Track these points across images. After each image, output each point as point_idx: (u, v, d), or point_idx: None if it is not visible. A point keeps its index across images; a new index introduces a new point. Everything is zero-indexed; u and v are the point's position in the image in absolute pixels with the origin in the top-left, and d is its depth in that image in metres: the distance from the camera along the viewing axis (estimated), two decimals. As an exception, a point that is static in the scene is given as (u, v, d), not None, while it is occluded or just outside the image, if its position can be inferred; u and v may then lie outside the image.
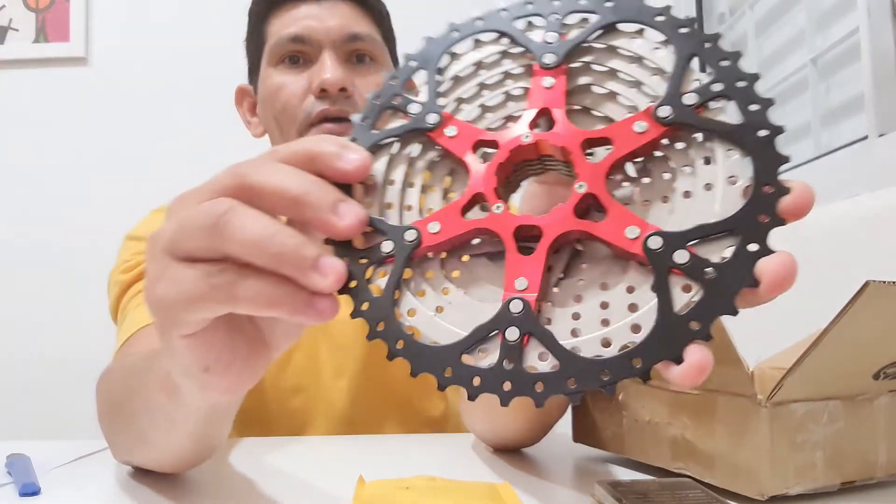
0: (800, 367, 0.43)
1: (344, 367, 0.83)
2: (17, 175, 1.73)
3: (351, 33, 0.78)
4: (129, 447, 0.53)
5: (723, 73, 0.29)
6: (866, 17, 0.87)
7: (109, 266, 0.89)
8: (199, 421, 0.42)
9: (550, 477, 0.58)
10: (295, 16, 0.79)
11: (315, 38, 0.77)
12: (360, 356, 0.84)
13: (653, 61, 0.31)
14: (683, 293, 0.27)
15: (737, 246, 0.27)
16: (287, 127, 0.78)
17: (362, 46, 0.79)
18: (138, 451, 0.52)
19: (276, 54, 0.79)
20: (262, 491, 0.53)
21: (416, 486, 0.47)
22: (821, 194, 1.06)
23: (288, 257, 0.28)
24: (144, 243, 0.74)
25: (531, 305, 0.28)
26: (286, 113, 0.78)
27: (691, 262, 0.27)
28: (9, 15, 1.73)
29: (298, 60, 0.78)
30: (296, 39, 0.77)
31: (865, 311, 0.40)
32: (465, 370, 0.28)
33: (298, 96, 0.77)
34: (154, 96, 1.72)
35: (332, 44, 0.78)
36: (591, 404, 0.60)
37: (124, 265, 0.77)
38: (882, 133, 0.85)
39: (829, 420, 0.46)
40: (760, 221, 0.27)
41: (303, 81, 0.77)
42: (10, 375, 1.66)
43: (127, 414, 0.49)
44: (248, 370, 0.34)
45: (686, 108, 0.29)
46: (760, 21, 1.29)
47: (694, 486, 0.45)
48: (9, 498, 0.50)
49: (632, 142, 0.29)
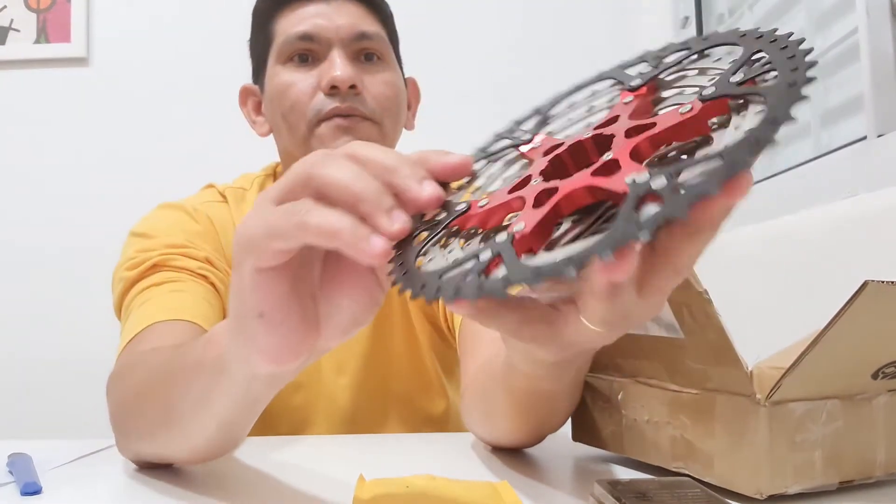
0: (799, 366, 0.43)
1: (345, 365, 0.83)
2: (18, 175, 1.73)
3: (360, 31, 0.79)
4: (149, 432, 0.53)
5: (772, 51, 0.29)
6: (865, 17, 0.87)
7: (110, 266, 0.89)
8: (234, 401, 0.43)
9: (550, 476, 0.58)
10: (303, 14, 0.79)
11: (324, 37, 0.78)
12: (361, 353, 0.84)
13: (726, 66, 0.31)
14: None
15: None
16: (296, 124, 0.78)
17: (370, 45, 0.80)
18: (160, 437, 0.51)
19: (284, 52, 0.79)
20: (263, 490, 0.53)
21: (415, 485, 0.48)
22: (820, 194, 1.06)
23: (369, 198, 0.32)
24: (148, 240, 0.78)
25: (514, 237, 0.29)
26: (296, 110, 0.78)
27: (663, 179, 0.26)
28: (10, 15, 1.74)
29: (307, 58, 0.79)
30: (305, 37, 0.78)
31: (864, 311, 0.41)
32: (435, 281, 0.29)
33: (308, 94, 0.77)
34: (155, 97, 1.72)
35: (341, 42, 0.78)
36: (591, 403, 0.60)
37: (128, 262, 0.76)
38: (881, 133, 0.86)
39: (827, 419, 0.46)
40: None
41: (312, 79, 0.78)
42: (11, 375, 1.66)
43: (156, 398, 0.50)
44: (295, 341, 0.36)
45: (730, 84, 0.29)
46: (759, 22, 1.29)
47: (693, 485, 0.45)
48: (10, 497, 0.50)
49: (672, 120, 0.30)
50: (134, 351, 0.64)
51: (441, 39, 1.71)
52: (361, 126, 0.76)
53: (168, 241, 0.76)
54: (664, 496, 0.42)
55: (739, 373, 0.45)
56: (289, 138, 0.80)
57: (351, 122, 0.76)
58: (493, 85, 1.68)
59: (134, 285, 0.73)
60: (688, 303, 0.46)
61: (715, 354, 0.46)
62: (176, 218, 0.81)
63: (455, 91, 1.69)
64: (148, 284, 0.71)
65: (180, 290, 0.70)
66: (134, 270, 0.74)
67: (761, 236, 1.08)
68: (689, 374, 0.49)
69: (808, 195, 0.97)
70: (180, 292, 0.70)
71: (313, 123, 0.77)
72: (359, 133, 0.76)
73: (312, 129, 0.77)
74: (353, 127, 0.76)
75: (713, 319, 0.45)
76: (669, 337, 0.49)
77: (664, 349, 0.50)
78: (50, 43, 1.73)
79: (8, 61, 1.74)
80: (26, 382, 1.63)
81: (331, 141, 0.76)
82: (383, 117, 0.79)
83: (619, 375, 0.57)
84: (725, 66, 0.31)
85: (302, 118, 0.77)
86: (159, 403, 0.49)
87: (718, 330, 0.45)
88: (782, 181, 1.10)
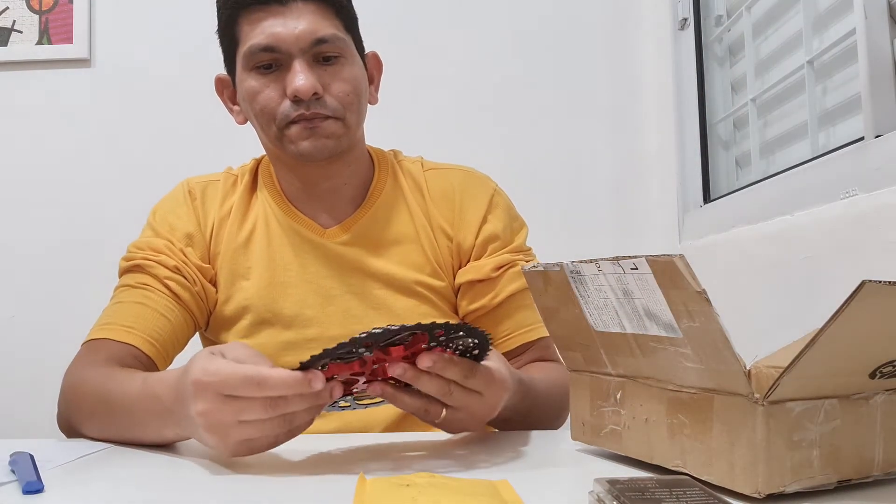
0: (796, 365, 0.43)
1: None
2: (20, 176, 1.73)
3: (317, 38, 0.84)
4: (103, 436, 0.73)
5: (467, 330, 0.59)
6: (863, 18, 0.88)
7: (112, 265, 0.92)
8: (163, 439, 0.69)
9: (549, 474, 0.58)
10: (263, 25, 0.84)
11: (285, 48, 0.83)
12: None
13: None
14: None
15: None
16: (267, 126, 0.87)
17: (328, 49, 0.85)
18: (98, 436, 0.74)
19: (249, 62, 0.85)
20: (264, 489, 0.53)
21: (416, 484, 0.48)
22: (818, 195, 1.06)
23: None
24: (147, 236, 0.92)
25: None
26: (265, 114, 0.86)
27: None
28: (12, 17, 1.74)
29: (271, 66, 0.85)
30: (267, 49, 0.84)
31: (862, 311, 0.41)
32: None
33: (275, 100, 0.85)
34: (157, 98, 1.72)
35: (301, 51, 0.84)
36: (590, 402, 0.61)
37: (130, 251, 0.91)
38: (878, 134, 0.86)
39: (825, 418, 0.46)
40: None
41: (278, 87, 0.85)
42: (12, 375, 1.66)
43: (106, 423, 0.73)
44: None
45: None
46: (758, 23, 1.29)
47: (691, 483, 0.45)
48: (12, 495, 0.51)
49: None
50: (95, 349, 0.83)
51: (441, 39, 1.71)
52: (325, 125, 0.85)
53: (155, 242, 0.90)
54: (663, 494, 0.42)
55: (737, 372, 0.45)
56: (263, 135, 0.90)
57: (315, 124, 0.84)
58: (493, 85, 1.68)
59: (123, 275, 0.90)
60: (686, 302, 0.46)
61: (713, 354, 0.46)
62: (177, 213, 0.93)
63: (455, 91, 1.69)
64: (127, 283, 0.88)
65: (144, 304, 0.86)
66: (128, 262, 0.90)
67: (759, 236, 1.08)
68: (687, 374, 0.50)
69: (805, 196, 0.97)
70: (143, 306, 0.85)
71: (282, 126, 0.85)
72: (324, 131, 0.85)
73: (282, 130, 0.85)
74: (317, 127, 0.84)
75: (711, 319, 0.45)
76: (668, 336, 0.49)
77: (663, 348, 0.50)
78: (52, 44, 1.73)
79: (10, 62, 1.74)
80: (28, 381, 1.63)
81: (299, 141, 0.85)
82: (346, 113, 0.86)
83: (617, 375, 0.57)
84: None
85: (272, 121, 0.86)
86: (109, 427, 0.72)
87: (717, 329, 0.45)
88: (780, 182, 1.10)
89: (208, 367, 0.57)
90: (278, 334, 0.88)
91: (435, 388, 0.60)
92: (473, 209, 0.93)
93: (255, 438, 0.58)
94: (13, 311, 1.69)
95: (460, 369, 0.60)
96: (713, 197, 1.45)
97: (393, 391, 0.61)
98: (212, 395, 0.56)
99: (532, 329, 0.90)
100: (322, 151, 0.85)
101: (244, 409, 0.56)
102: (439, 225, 0.92)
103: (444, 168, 0.97)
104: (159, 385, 0.65)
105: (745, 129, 1.39)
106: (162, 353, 0.85)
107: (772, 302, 1.00)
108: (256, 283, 0.89)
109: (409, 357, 0.59)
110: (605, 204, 1.67)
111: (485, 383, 0.62)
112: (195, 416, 0.57)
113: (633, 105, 1.69)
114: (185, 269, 0.88)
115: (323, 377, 0.55)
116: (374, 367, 0.60)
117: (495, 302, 0.90)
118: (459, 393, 0.61)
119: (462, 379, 0.60)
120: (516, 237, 0.94)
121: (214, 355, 0.58)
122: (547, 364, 0.89)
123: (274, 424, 0.57)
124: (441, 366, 0.58)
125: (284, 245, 0.90)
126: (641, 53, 1.69)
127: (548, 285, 0.59)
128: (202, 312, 0.90)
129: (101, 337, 0.83)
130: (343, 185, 0.91)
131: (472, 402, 0.62)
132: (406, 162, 0.97)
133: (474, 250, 0.92)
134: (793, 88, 1.17)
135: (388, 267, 0.90)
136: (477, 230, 0.92)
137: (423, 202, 0.93)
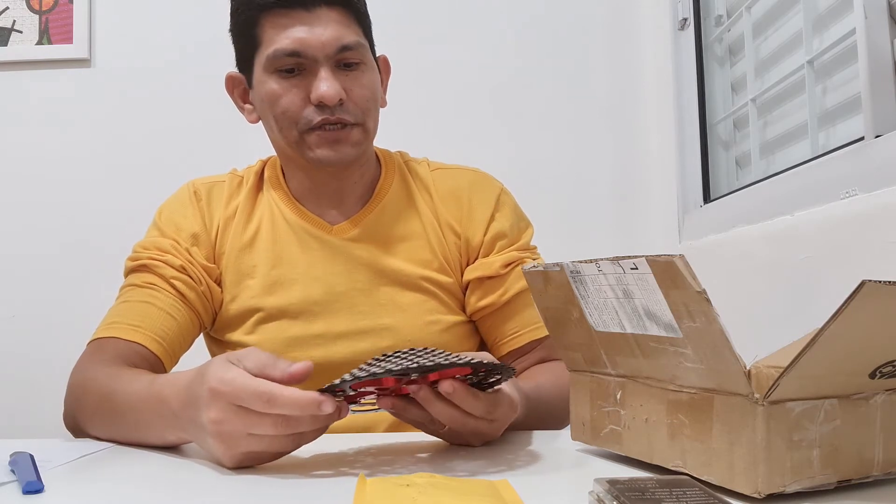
0: (796, 365, 0.43)
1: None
2: (20, 176, 1.73)
3: (342, 45, 0.84)
4: (106, 436, 0.73)
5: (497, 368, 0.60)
6: (863, 18, 0.88)
7: (111, 266, 0.93)
8: (164, 442, 0.68)
9: (549, 474, 0.58)
10: (289, 30, 0.83)
11: (310, 54, 0.84)
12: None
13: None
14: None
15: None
16: (288, 129, 0.87)
17: (352, 56, 0.86)
18: (114, 438, 0.72)
19: (273, 65, 0.85)
20: (264, 489, 0.53)
21: (416, 484, 0.48)
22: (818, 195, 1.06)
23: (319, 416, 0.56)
24: (153, 235, 0.92)
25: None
26: (286, 117, 0.86)
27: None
28: (12, 17, 1.74)
29: (293, 70, 0.85)
30: (293, 54, 0.84)
31: (862, 311, 0.41)
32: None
33: (298, 105, 0.85)
34: (157, 98, 1.72)
35: (326, 57, 0.84)
36: (590, 403, 0.61)
37: (136, 250, 0.91)
38: (878, 134, 0.86)
39: (825, 418, 0.46)
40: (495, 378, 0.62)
41: (300, 91, 0.85)
42: (12, 375, 1.66)
43: (109, 422, 0.72)
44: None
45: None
46: (758, 23, 1.29)
47: (691, 483, 0.45)
48: (12, 496, 0.51)
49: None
50: (101, 348, 0.82)
51: (441, 39, 1.71)
52: (349, 133, 0.86)
53: (161, 242, 0.90)
54: (663, 494, 0.42)
55: (737, 372, 0.45)
56: (281, 139, 0.89)
57: (339, 134, 0.85)
58: (493, 85, 1.69)
59: (129, 274, 0.90)
60: (686, 302, 0.46)
61: (713, 354, 0.46)
62: (182, 213, 0.93)
63: (455, 91, 1.69)
64: (133, 282, 0.88)
65: (150, 303, 0.86)
66: (133, 262, 0.90)
67: (759, 236, 1.08)
68: (687, 374, 0.50)
69: (805, 195, 0.97)
70: (150, 305, 0.85)
71: (304, 130, 0.86)
72: (348, 140, 0.86)
73: (303, 134, 0.86)
74: (340, 137, 0.85)
75: (711, 319, 0.45)
76: (668, 336, 0.49)
77: (663, 348, 0.50)
78: (52, 44, 1.73)
79: (10, 62, 1.74)
80: (28, 381, 1.63)
81: (318, 148, 0.86)
82: (366, 118, 0.88)
83: (618, 375, 0.57)
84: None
85: (293, 125, 0.86)
86: (111, 429, 0.72)
87: (717, 329, 0.45)
88: (780, 181, 1.10)
89: (224, 375, 0.56)
90: (284, 330, 0.88)
91: (447, 416, 0.59)
92: (482, 207, 0.94)
93: (260, 452, 0.58)
94: (13, 311, 1.69)
95: (483, 405, 0.60)
96: (713, 197, 1.45)
97: (403, 405, 0.61)
98: (225, 405, 0.56)
99: (540, 326, 0.90)
100: (343, 160, 0.87)
101: (256, 423, 0.56)
102: (447, 222, 0.93)
103: (451, 168, 0.98)
104: (168, 387, 0.64)
105: (745, 129, 1.39)
106: (169, 352, 0.85)
107: (772, 302, 1.00)
108: (262, 281, 0.90)
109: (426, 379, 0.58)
110: (606, 204, 1.67)
111: (496, 410, 0.62)
112: (206, 423, 0.56)
113: (634, 105, 1.69)
114: (190, 268, 0.88)
115: (333, 402, 0.55)
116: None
117: (504, 299, 0.90)
118: (473, 422, 0.61)
119: (484, 413, 0.60)
120: (523, 235, 0.95)
121: (232, 363, 0.58)
122: (553, 365, 0.90)
123: (282, 441, 0.57)
124: (461, 397, 0.58)
125: (291, 242, 0.91)
126: (641, 53, 1.69)
127: (548, 285, 0.59)
128: (207, 312, 0.90)
129: (108, 335, 0.83)
130: (353, 184, 0.93)
131: (480, 426, 0.62)
132: (412, 162, 0.99)
133: (482, 247, 0.93)
134: (793, 88, 1.17)
135: (395, 262, 0.90)
136: (485, 227, 0.93)
137: (431, 200, 0.94)
